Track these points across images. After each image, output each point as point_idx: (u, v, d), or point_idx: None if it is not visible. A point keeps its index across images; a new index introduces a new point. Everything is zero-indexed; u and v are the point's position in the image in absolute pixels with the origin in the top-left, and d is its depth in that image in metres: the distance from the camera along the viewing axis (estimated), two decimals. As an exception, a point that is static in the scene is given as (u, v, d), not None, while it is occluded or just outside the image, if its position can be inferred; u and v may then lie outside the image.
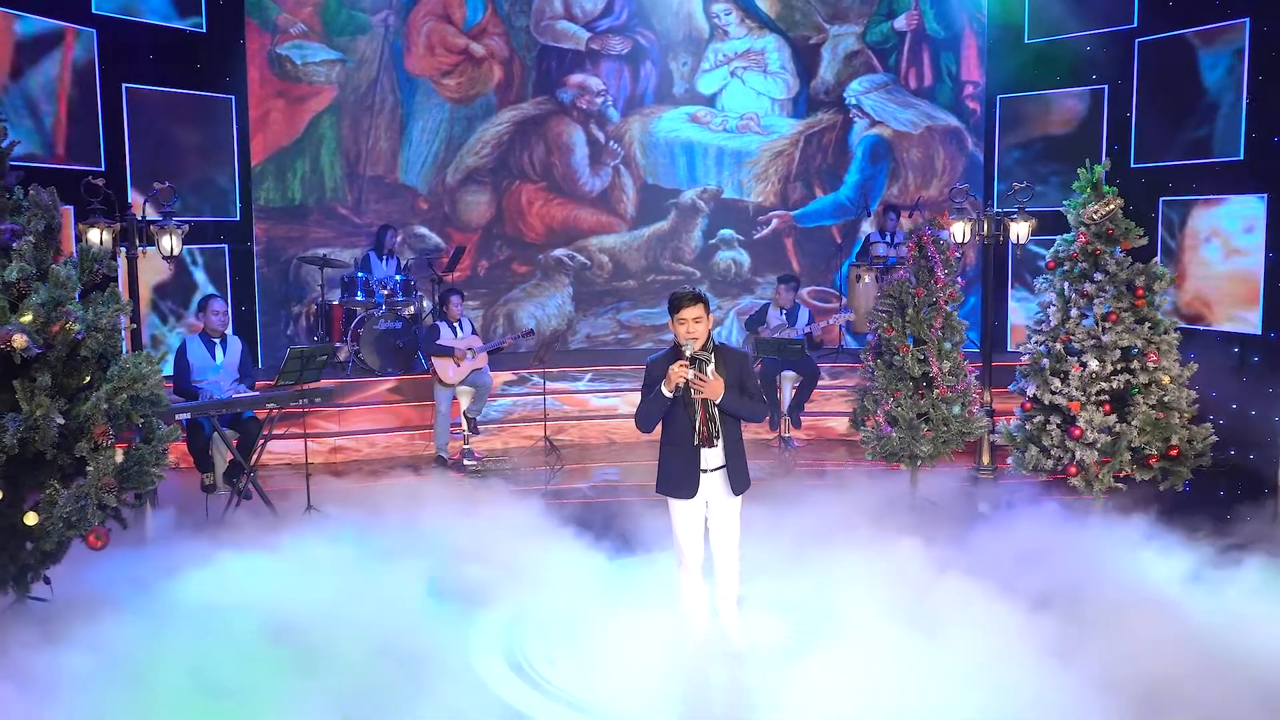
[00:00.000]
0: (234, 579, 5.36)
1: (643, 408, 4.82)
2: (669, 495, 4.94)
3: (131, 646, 4.61)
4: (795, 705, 4.67)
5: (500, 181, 12.26)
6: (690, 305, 4.74)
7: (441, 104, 11.97)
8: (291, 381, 7.23)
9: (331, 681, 4.45)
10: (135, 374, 5.03)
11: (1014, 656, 4.79)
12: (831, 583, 5.63)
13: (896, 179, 12.40)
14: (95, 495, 4.84)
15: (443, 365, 9.55)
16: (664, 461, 4.95)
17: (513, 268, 12.45)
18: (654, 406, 4.77)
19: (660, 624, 5.28)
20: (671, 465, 4.90)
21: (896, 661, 4.86)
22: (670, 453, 4.91)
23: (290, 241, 11.45)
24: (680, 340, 4.77)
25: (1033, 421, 7.52)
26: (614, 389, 11.12)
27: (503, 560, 6.09)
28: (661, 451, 4.97)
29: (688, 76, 12.48)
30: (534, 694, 4.81)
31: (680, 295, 4.79)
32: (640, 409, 4.84)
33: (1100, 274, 7.38)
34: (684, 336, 4.73)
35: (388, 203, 11.88)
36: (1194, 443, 7.33)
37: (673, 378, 4.65)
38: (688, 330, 4.72)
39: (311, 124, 11.45)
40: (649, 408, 4.78)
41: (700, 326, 4.75)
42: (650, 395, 4.78)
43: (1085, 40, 10.96)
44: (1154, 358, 7.29)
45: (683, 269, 12.72)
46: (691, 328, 4.72)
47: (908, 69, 12.28)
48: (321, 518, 6.78)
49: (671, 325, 4.83)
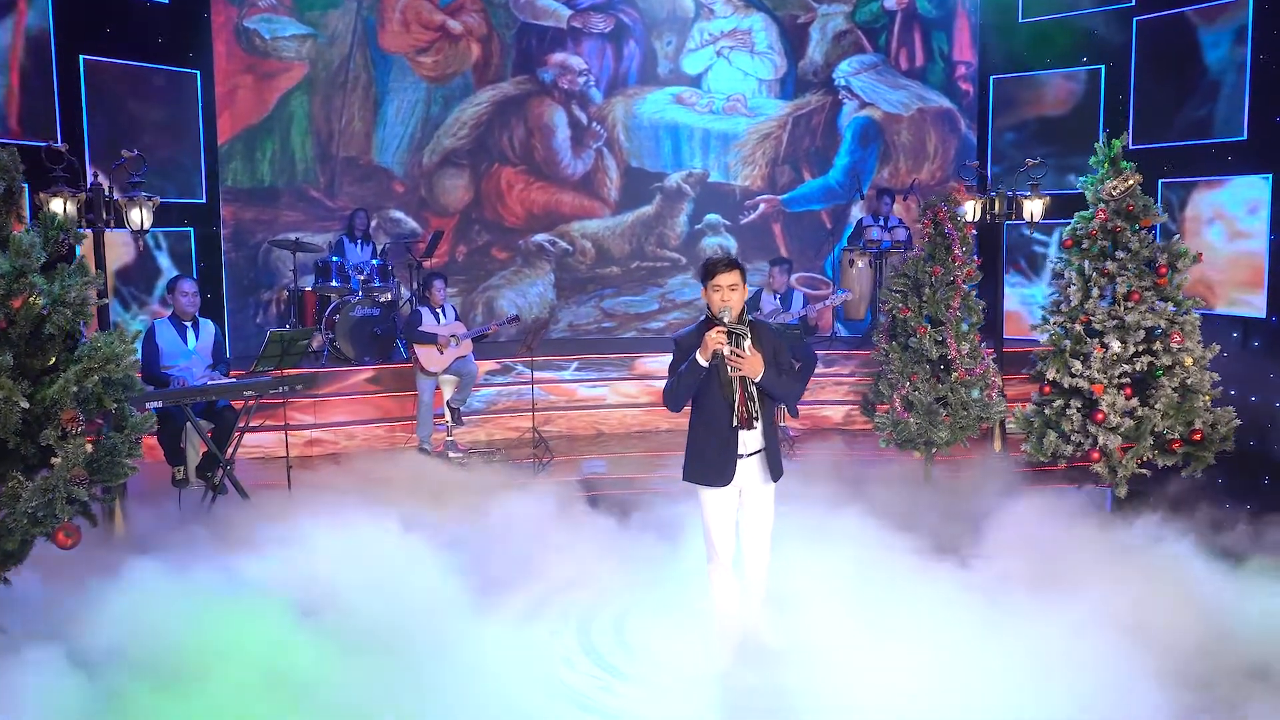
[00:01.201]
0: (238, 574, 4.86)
1: (672, 384, 4.43)
2: (700, 483, 4.56)
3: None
4: (841, 707, 4.31)
5: (479, 164, 11.79)
6: (726, 271, 4.40)
7: (417, 83, 11.47)
8: (271, 367, 6.75)
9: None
10: (108, 353, 4.54)
11: (1069, 654, 4.46)
12: (861, 576, 5.27)
13: (887, 162, 12.09)
14: (64, 488, 4.34)
15: (425, 353, 9.08)
16: (695, 445, 4.56)
17: (492, 253, 11.99)
18: (687, 380, 4.38)
19: (689, 622, 4.92)
20: (704, 449, 4.52)
21: (942, 658, 4.51)
22: (703, 436, 4.53)
23: (259, 225, 10.90)
24: (715, 309, 4.40)
25: (1051, 406, 7.22)
26: (601, 378, 10.71)
27: (516, 553, 5.70)
28: (692, 434, 4.59)
29: (672, 56, 12.09)
30: (555, 700, 4.40)
31: (715, 260, 4.44)
32: (669, 386, 4.45)
33: (1122, 252, 7.09)
34: (719, 305, 4.38)
35: (362, 185, 11.36)
36: (1217, 427, 7.07)
37: (709, 344, 4.28)
38: (723, 298, 4.38)
39: (281, 102, 10.90)
40: (681, 383, 4.39)
41: (736, 295, 4.40)
42: (681, 369, 4.39)
43: (1082, 19, 10.72)
44: (1178, 338, 7.01)
45: (668, 255, 12.33)
46: (727, 295, 4.38)
47: (898, 49, 11.98)
48: (308, 510, 6.30)
49: (705, 294, 4.46)
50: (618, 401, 10.54)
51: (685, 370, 4.36)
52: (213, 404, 7.00)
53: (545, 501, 6.73)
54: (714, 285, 4.40)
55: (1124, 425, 6.97)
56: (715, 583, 4.67)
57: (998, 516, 6.08)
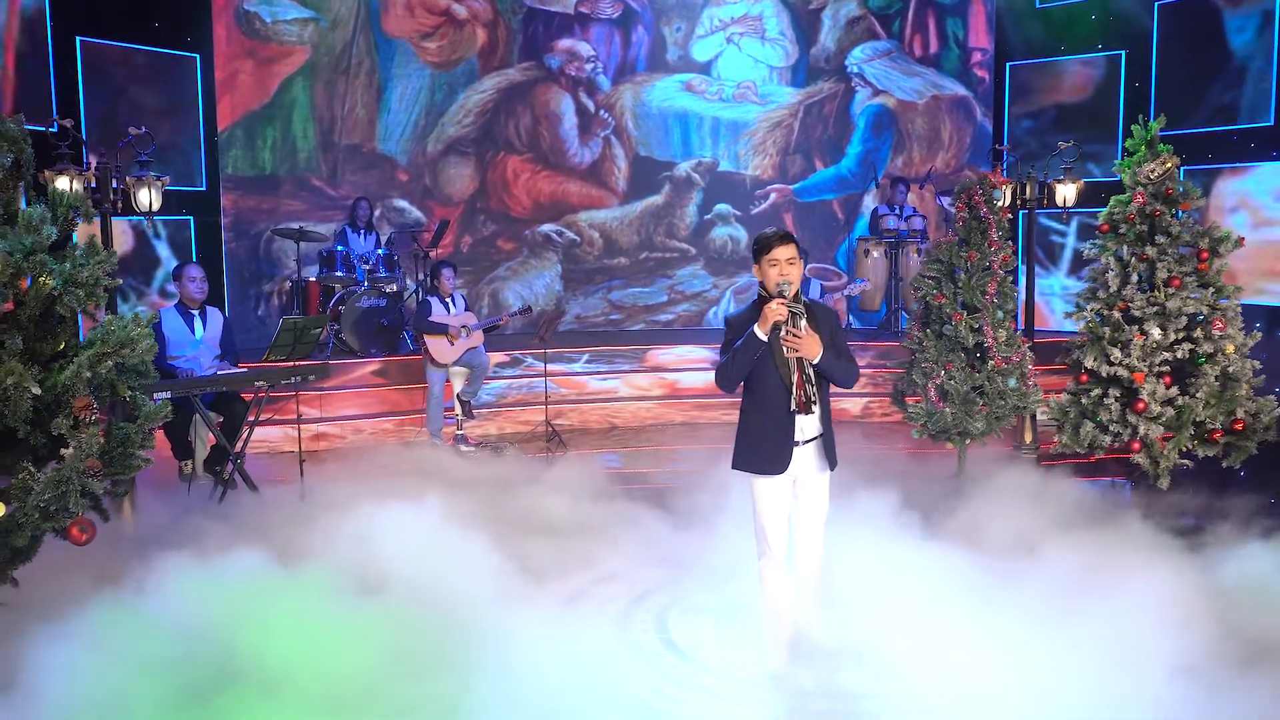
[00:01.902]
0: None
1: (727, 361, 4.19)
2: (753, 471, 4.31)
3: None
4: (903, 708, 4.07)
5: (484, 152, 11.52)
6: (782, 244, 4.17)
7: (422, 68, 11.19)
8: (283, 357, 6.47)
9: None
10: (123, 337, 4.26)
11: (1140, 649, 4.24)
12: (909, 572, 5.02)
13: (901, 151, 11.87)
14: (78, 480, 4.07)
15: (436, 344, 8.82)
16: (748, 432, 4.31)
17: (498, 244, 11.72)
18: (743, 356, 4.13)
19: (737, 620, 4.68)
20: (759, 436, 4.27)
21: (1002, 658, 4.28)
22: (757, 421, 4.28)
23: (260, 213, 10.61)
24: (771, 285, 4.17)
25: (1089, 396, 7.01)
26: (613, 371, 10.45)
27: (546, 547, 5.47)
28: (745, 420, 4.34)
29: (681, 43, 11.84)
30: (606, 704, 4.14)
31: (769, 234, 4.22)
32: (724, 364, 4.21)
33: (1162, 236, 6.88)
34: (776, 279, 4.14)
35: (365, 173, 11.07)
36: (1260, 416, 6.87)
37: (769, 316, 4.04)
38: (780, 272, 4.14)
39: (283, 87, 10.61)
40: (737, 359, 4.15)
41: (795, 270, 4.17)
42: (737, 344, 4.15)
43: (1101, 3, 10.52)
44: (1220, 325, 6.81)
45: (677, 246, 12.09)
46: (785, 269, 4.15)
47: (912, 35, 11.75)
48: (325, 503, 6.03)
49: (759, 270, 4.23)
50: (630, 394, 10.29)
51: (742, 345, 4.13)
52: (222, 395, 6.71)
53: (571, 493, 6.50)
54: (770, 260, 4.17)
55: (1165, 415, 6.76)
56: (767, 579, 4.41)
57: (1043, 509, 5.85)
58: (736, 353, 4.14)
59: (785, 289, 4.09)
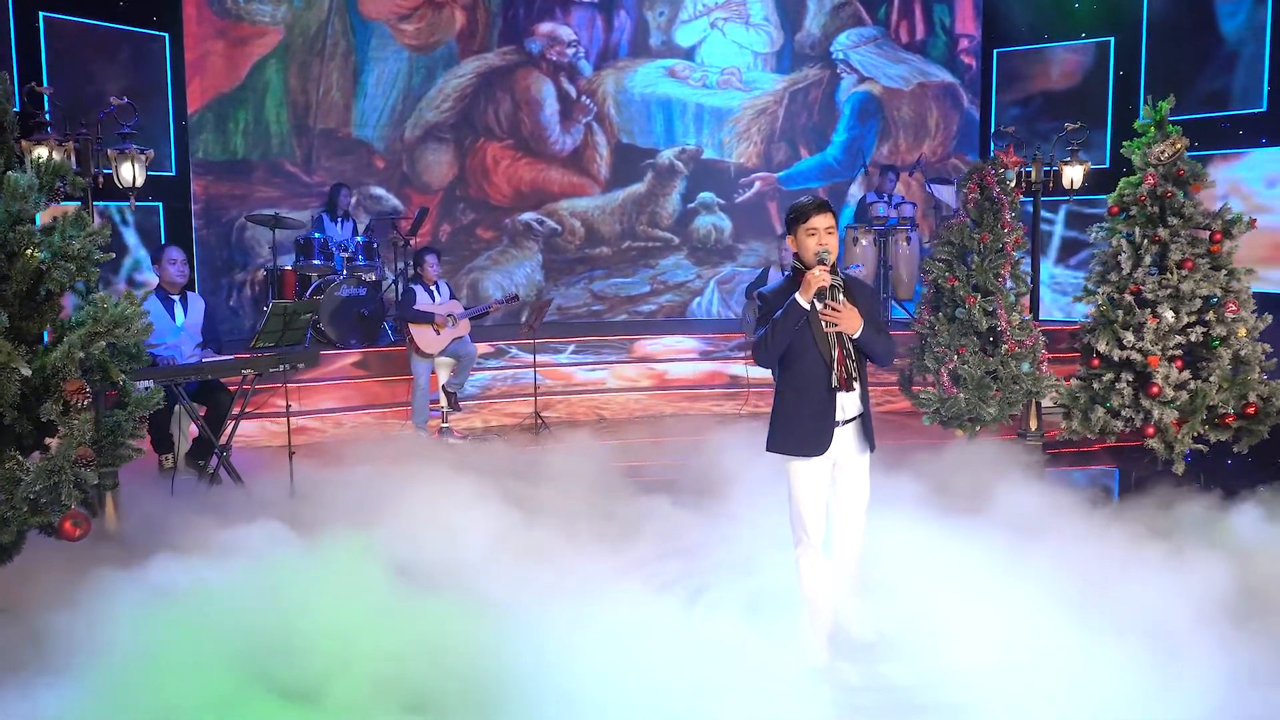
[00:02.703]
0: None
1: (766, 333, 3.97)
2: (791, 454, 4.09)
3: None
4: (953, 699, 3.86)
5: (463, 139, 11.20)
6: (820, 213, 3.97)
7: (399, 51, 10.84)
8: (272, 344, 6.13)
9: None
10: (116, 315, 3.94)
11: (1194, 641, 4.06)
12: (942, 560, 4.83)
13: (887, 138, 11.73)
14: (70, 470, 3.74)
15: (421, 333, 8.51)
16: (786, 412, 4.09)
17: (477, 233, 11.41)
18: (785, 325, 3.91)
19: (768, 612, 4.45)
20: (798, 416, 4.05)
21: (1049, 644, 4.08)
22: (794, 401, 4.06)
23: (233, 200, 10.20)
24: (809, 256, 3.96)
25: (1100, 380, 6.88)
26: (600, 361, 10.20)
27: (561, 533, 5.21)
28: (781, 400, 4.12)
29: (665, 27, 11.60)
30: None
31: (807, 203, 4.02)
32: (763, 336, 3.98)
33: (1175, 218, 6.77)
34: (815, 248, 3.94)
35: (340, 159, 10.71)
36: (1272, 400, 6.78)
37: (812, 283, 3.85)
38: (819, 241, 3.95)
39: (255, 69, 10.21)
40: (778, 329, 3.92)
41: (833, 239, 3.97)
42: (777, 314, 3.93)
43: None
44: (1233, 308, 6.71)
45: (660, 235, 11.85)
46: (823, 238, 3.96)
47: (898, 22, 11.62)
48: (322, 494, 5.72)
49: (795, 241, 4.02)
50: (619, 385, 10.04)
51: (783, 315, 3.90)
52: (206, 385, 6.36)
53: (575, 483, 6.25)
54: (809, 229, 3.96)
55: (1179, 399, 6.65)
56: (805, 568, 4.19)
57: (1071, 494, 5.69)
58: (777, 323, 3.93)
59: (826, 257, 3.90)
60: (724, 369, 10.26)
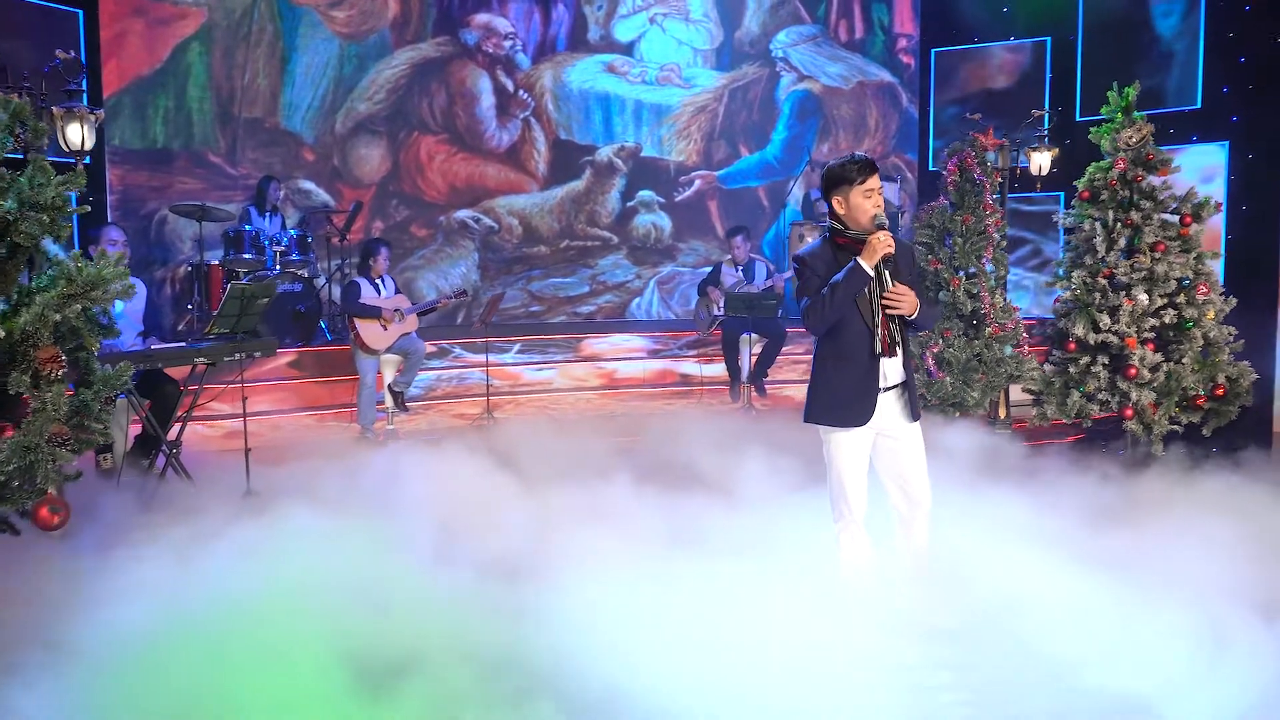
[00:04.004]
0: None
1: (824, 299, 3.73)
2: (833, 424, 3.86)
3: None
4: (1031, 686, 3.64)
5: (397, 132, 10.73)
6: (875, 173, 3.77)
7: (330, 39, 10.33)
8: (227, 329, 5.63)
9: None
10: (93, 276, 3.47)
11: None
12: (993, 545, 4.61)
13: (827, 137, 11.70)
14: (47, 449, 3.26)
15: (368, 329, 8.05)
16: (826, 380, 3.88)
17: (411, 230, 10.93)
18: (846, 290, 3.70)
19: (799, 596, 4.17)
20: (839, 384, 3.84)
21: (1108, 623, 3.91)
22: (836, 369, 3.86)
23: (152, 191, 9.52)
24: (868, 216, 3.76)
25: (1077, 364, 6.87)
26: (547, 361, 9.85)
27: (553, 528, 4.85)
28: (821, 368, 3.91)
29: (603, 22, 11.36)
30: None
31: (859, 161, 3.80)
32: (820, 302, 3.74)
33: (1146, 201, 6.83)
34: (872, 210, 3.75)
35: (267, 151, 10.12)
36: (1240, 381, 6.88)
37: (877, 248, 3.67)
38: (875, 203, 3.76)
39: (176, 52, 9.56)
40: (836, 294, 3.70)
41: (880, 200, 3.79)
42: (837, 278, 3.71)
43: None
44: (1204, 289, 6.79)
45: (599, 234, 11.57)
46: (878, 199, 3.76)
47: (837, 21, 11.62)
48: (292, 489, 5.25)
49: (843, 202, 3.79)
50: (567, 385, 9.70)
51: (845, 279, 3.68)
52: (149, 376, 5.80)
53: (555, 475, 5.90)
54: (866, 189, 3.75)
55: (1156, 380, 6.69)
56: (846, 545, 3.94)
57: (1089, 475, 5.59)
58: (837, 287, 3.70)
59: (884, 221, 3.73)
60: (674, 367, 10.03)
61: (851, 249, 3.76)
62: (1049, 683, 3.62)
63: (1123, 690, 3.57)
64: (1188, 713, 3.42)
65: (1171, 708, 3.45)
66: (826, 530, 4.19)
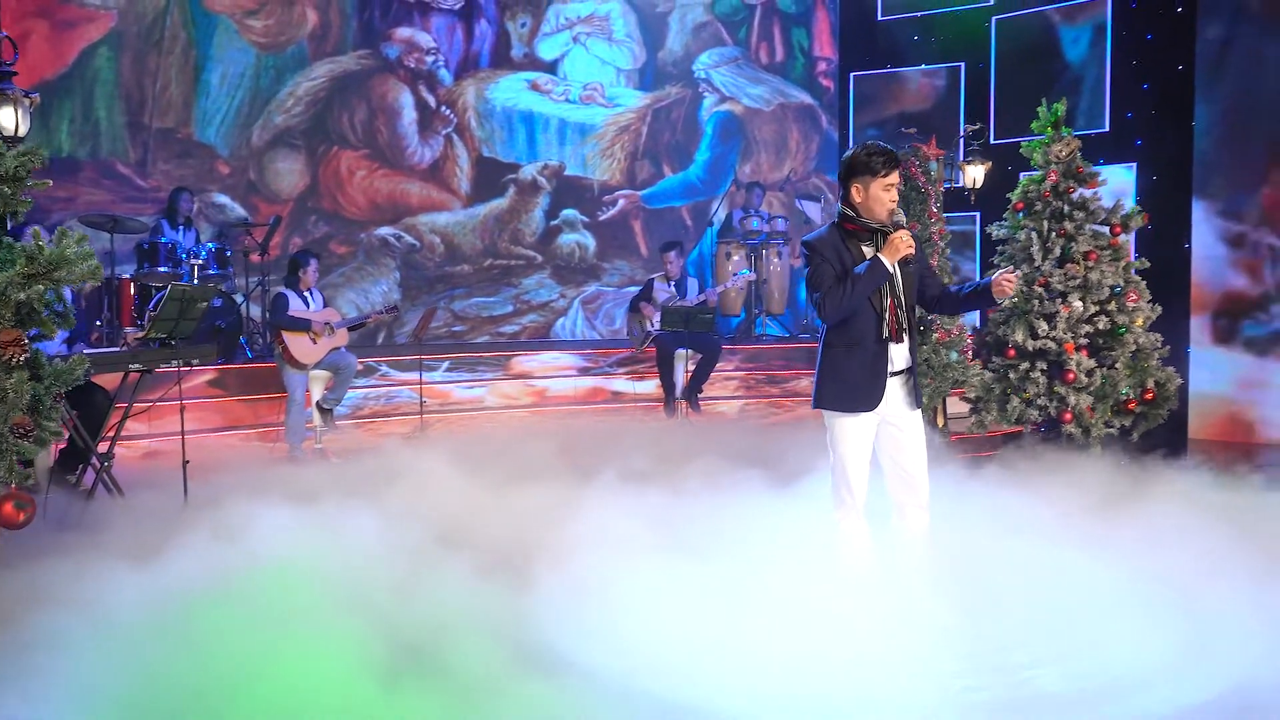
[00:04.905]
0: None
1: (846, 290, 3.74)
2: (843, 409, 3.85)
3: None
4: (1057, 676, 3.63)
5: (316, 146, 10.43)
6: (896, 168, 3.81)
7: (246, 49, 10.00)
8: (165, 334, 5.32)
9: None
10: (56, 256, 3.22)
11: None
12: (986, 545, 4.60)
13: (749, 157, 11.83)
14: (10, 441, 2.98)
15: (296, 342, 7.75)
16: (834, 366, 3.88)
17: (330, 248, 10.60)
18: (868, 284, 3.75)
19: (794, 593, 4.10)
20: (848, 369, 3.84)
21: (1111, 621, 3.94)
22: (845, 355, 3.86)
23: (56, 203, 9.00)
24: (884, 212, 3.82)
25: (1016, 370, 7.04)
26: (477, 379, 9.63)
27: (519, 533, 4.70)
28: (830, 354, 3.90)
29: (527, 39, 11.29)
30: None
31: (883, 152, 3.82)
32: (841, 293, 3.75)
33: (1079, 212, 7.08)
34: (889, 205, 3.81)
35: (180, 163, 9.70)
36: (1167, 385, 7.14)
37: (900, 248, 3.73)
38: (892, 197, 3.82)
39: (83, 57, 9.11)
40: (857, 287, 3.74)
41: (896, 196, 3.84)
42: (859, 269, 3.73)
43: (940, 18, 10.95)
44: (1134, 297, 7.05)
45: (523, 253, 11.43)
46: (895, 194, 3.84)
47: (758, 44, 11.80)
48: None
49: (859, 191, 3.81)
50: (499, 403, 9.50)
51: (867, 273, 3.74)
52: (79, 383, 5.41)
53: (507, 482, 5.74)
54: (887, 183, 3.78)
55: (1093, 384, 6.89)
56: (847, 533, 3.91)
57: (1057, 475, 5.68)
58: (859, 280, 3.74)
59: (901, 219, 3.79)
60: (606, 385, 9.92)
61: (859, 236, 3.80)
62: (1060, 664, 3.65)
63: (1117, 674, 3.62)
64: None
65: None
66: (816, 522, 4.16)
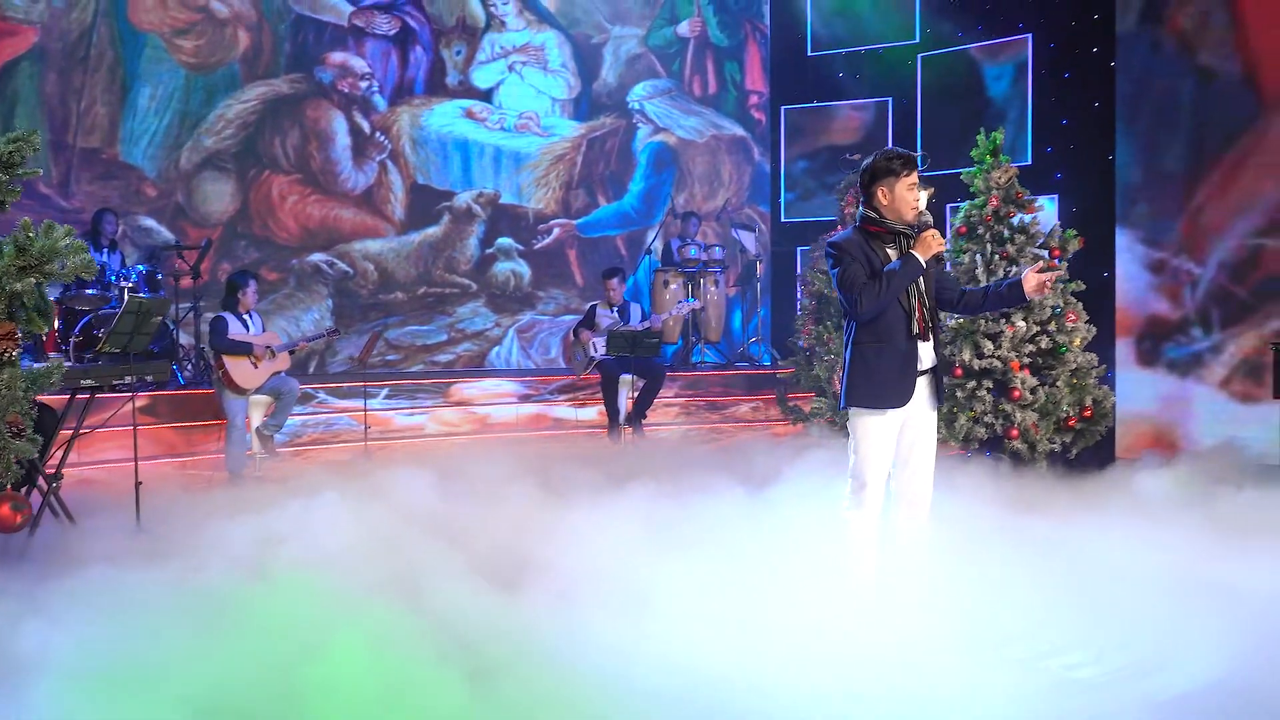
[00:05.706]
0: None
1: (880, 286, 3.83)
2: (874, 406, 3.92)
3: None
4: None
5: (246, 170, 10.18)
6: (915, 168, 3.96)
7: (175, 69, 9.74)
8: (119, 348, 5.10)
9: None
10: (48, 248, 3.07)
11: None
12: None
13: (683, 188, 11.96)
14: (5, 437, 2.81)
15: (237, 366, 7.53)
16: (865, 365, 3.96)
17: (261, 273, 10.28)
18: (902, 281, 3.85)
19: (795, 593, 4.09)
20: (879, 367, 3.93)
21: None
22: (876, 353, 3.94)
23: (-28, 223, 8.59)
24: (909, 211, 3.94)
25: (964, 389, 7.23)
26: (416, 406, 9.46)
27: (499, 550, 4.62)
28: (858, 354, 3.98)
29: (462, 67, 11.26)
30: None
31: (899, 155, 3.94)
32: (875, 288, 3.84)
33: (1020, 235, 7.35)
34: (914, 203, 3.93)
35: (104, 184, 9.37)
36: (1104, 402, 7.42)
37: (931, 245, 3.84)
38: (915, 196, 3.94)
39: (5, 72, 8.76)
40: (893, 283, 3.86)
41: (919, 195, 3.97)
42: (893, 265, 3.85)
43: (867, 54, 11.30)
44: (1073, 317, 7.32)
45: (458, 281, 11.31)
46: (918, 194, 3.95)
47: (692, 76, 11.98)
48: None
49: (890, 193, 3.94)
50: (437, 431, 9.35)
51: (903, 270, 3.85)
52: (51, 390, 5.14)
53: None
54: (909, 183, 3.92)
55: (1037, 401, 7.11)
56: (860, 532, 3.94)
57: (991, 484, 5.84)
58: (895, 276, 3.83)
59: (929, 218, 3.88)
60: (548, 411, 9.85)
61: (883, 238, 3.88)
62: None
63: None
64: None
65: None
66: (815, 522, 4.19)
